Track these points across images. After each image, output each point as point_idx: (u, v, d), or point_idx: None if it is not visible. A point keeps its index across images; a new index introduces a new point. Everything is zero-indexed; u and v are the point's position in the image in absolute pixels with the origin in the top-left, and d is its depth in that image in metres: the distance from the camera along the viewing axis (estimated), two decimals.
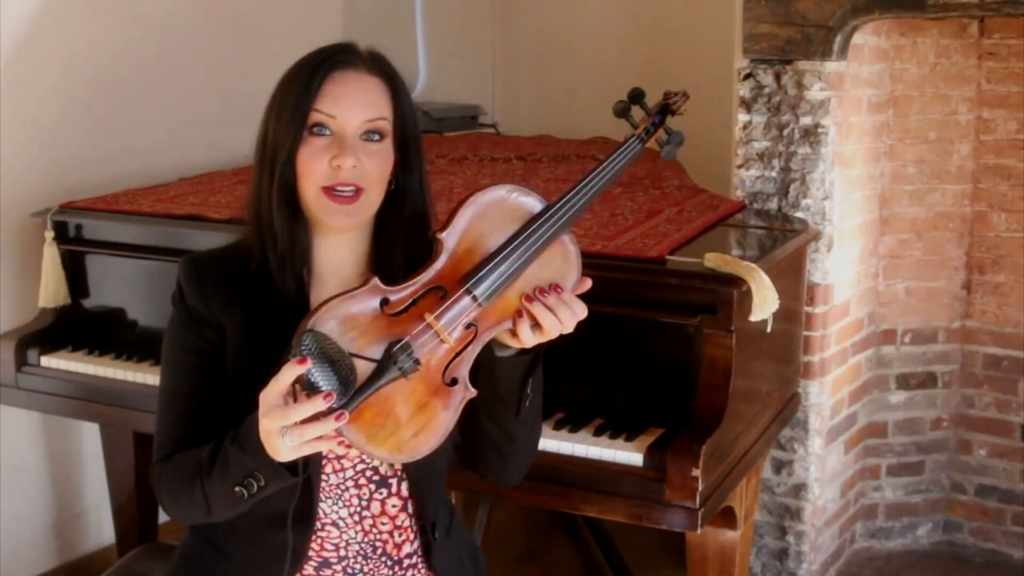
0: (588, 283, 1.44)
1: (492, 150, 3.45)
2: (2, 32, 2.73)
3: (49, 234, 2.56)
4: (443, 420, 1.37)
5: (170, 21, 3.18)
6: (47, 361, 2.51)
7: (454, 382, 1.38)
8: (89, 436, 2.93)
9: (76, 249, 2.58)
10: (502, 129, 4.24)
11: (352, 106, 1.47)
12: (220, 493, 1.42)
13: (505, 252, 1.40)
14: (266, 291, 1.50)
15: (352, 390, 1.30)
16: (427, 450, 1.37)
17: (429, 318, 1.37)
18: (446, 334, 1.38)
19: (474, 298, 1.39)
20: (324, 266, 1.55)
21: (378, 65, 1.52)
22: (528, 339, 1.41)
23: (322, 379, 1.28)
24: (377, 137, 1.49)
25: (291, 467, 1.37)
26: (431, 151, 3.38)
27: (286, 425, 1.28)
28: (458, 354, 1.39)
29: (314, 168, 1.45)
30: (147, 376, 2.41)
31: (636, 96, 1.54)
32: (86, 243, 2.59)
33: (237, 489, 1.39)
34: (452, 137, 3.86)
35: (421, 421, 1.36)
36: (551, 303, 1.40)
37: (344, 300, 1.36)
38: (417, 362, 1.35)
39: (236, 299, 1.50)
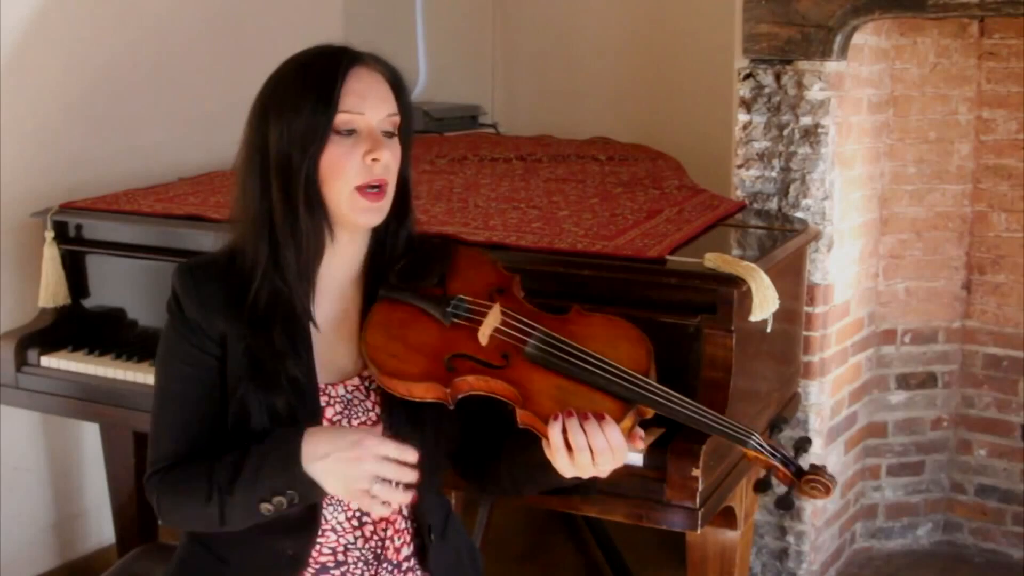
0: (641, 444, 1.38)
1: (492, 150, 3.44)
2: (2, 32, 2.73)
3: (49, 234, 2.56)
4: (414, 373, 1.40)
5: (170, 21, 3.18)
6: (47, 361, 2.51)
7: (452, 371, 1.40)
8: (89, 436, 2.93)
9: (76, 249, 2.58)
10: (502, 129, 4.23)
11: (376, 102, 1.47)
12: (241, 510, 1.41)
13: (589, 353, 1.40)
14: (269, 299, 1.48)
15: (413, 289, 1.48)
16: (375, 365, 1.41)
17: (497, 300, 1.46)
18: (487, 324, 1.42)
19: (525, 340, 1.41)
20: (323, 274, 1.53)
21: (380, 62, 1.53)
22: (558, 449, 1.33)
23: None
24: (393, 133, 1.50)
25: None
26: (431, 151, 3.38)
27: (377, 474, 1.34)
28: (471, 364, 1.40)
29: (347, 168, 1.44)
30: (147, 376, 2.40)
31: (803, 441, 1.51)
32: (86, 243, 2.59)
33: (264, 506, 1.39)
34: (452, 137, 3.85)
35: (405, 357, 1.42)
36: (589, 426, 1.32)
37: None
38: (455, 318, 1.44)
39: (236, 307, 1.48)
